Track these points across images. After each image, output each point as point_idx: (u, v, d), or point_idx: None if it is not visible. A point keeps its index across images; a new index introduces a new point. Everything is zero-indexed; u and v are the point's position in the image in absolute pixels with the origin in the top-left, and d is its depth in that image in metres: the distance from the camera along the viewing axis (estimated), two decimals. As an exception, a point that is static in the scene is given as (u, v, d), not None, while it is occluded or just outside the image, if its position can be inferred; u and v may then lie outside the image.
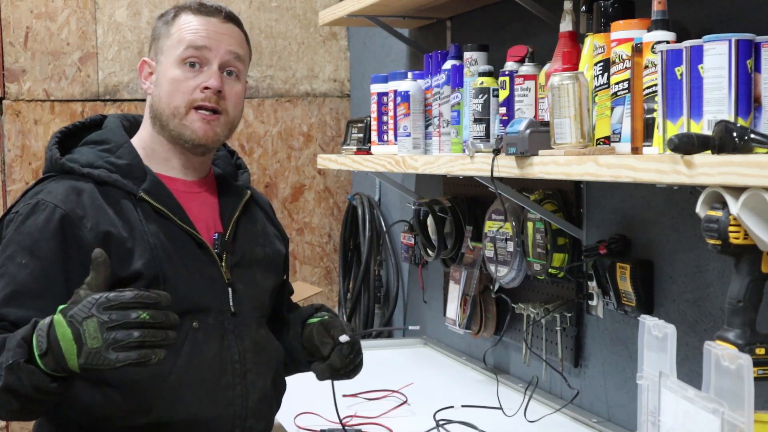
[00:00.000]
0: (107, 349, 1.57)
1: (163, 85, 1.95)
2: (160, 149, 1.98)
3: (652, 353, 1.71)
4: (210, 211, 2.02)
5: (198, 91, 1.93)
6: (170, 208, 1.92)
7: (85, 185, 1.88)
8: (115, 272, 1.78)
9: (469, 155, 2.36)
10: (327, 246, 4.42)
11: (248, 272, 2.01)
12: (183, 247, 1.91)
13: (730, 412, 1.45)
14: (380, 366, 3.20)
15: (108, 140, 1.97)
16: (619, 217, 2.38)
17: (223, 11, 1.99)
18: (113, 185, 1.90)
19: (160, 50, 1.98)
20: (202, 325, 1.89)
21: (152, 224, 1.89)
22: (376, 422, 2.48)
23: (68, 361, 1.59)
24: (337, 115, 4.40)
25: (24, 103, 4.00)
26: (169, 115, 1.94)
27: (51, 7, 4.02)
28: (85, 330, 1.58)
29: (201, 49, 1.94)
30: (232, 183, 2.10)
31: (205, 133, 1.94)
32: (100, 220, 1.84)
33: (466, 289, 2.94)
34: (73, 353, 1.59)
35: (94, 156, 1.94)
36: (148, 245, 1.86)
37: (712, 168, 1.52)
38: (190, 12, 1.97)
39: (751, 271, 1.58)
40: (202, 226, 1.97)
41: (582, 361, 2.58)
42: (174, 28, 1.97)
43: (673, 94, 1.70)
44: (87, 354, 1.58)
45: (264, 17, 4.30)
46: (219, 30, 1.96)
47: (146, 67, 2.01)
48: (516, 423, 2.47)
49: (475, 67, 2.51)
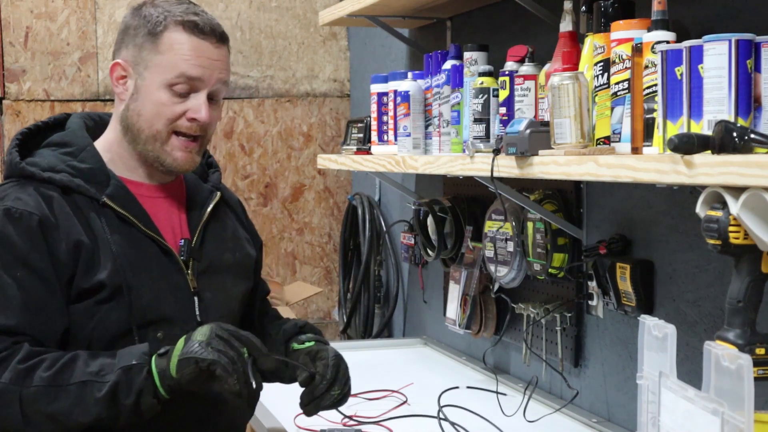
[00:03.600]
0: (207, 345, 1.70)
1: (146, 105, 1.87)
2: (127, 156, 1.93)
3: (652, 353, 1.71)
4: (177, 217, 1.97)
5: (184, 119, 1.87)
6: (134, 213, 1.87)
7: (52, 193, 1.83)
8: (79, 283, 1.78)
9: (469, 155, 2.36)
10: (327, 246, 4.42)
11: (217, 279, 1.96)
12: (147, 255, 1.86)
13: (730, 412, 1.45)
14: (380, 366, 3.20)
15: (70, 143, 1.91)
16: (619, 217, 2.38)
17: (216, 32, 1.90)
18: (76, 191, 1.84)
19: (144, 63, 1.88)
20: (168, 335, 1.85)
21: (116, 232, 1.84)
22: (376, 422, 2.48)
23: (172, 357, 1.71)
24: (337, 115, 4.40)
25: (24, 103, 4.00)
26: (149, 136, 1.88)
27: (51, 7, 4.02)
28: (197, 331, 1.73)
29: (194, 80, 1.86)
30: (201, 185, 2.03)
31: (184, 161, 1.90)
32: (71, 229, 1.80)
33: (466, 289, 2.94)
34: (180, 347, 1.71)
35: (56, 159, 1.87)
36: (111, 254, 1.81)
37: (712, 168, 1.52)
38: (182, 29, 1.86)
39: (751, 271, 1.58)
40: (168, 232, 1.92)
41: (582, 361, 2.57)
42: (164, 45, 1.86)
43: (673, 94, 1.70)
44: (190, 344, 1.70)
45: (264, 17, 4.30)
46: (212, 57, 1.88)
47: (119, 70, 1.91)
48: (515, 423, 2.47)
49: (475, 67, 2.51)
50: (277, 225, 4.35)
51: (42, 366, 1.71)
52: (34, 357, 1.72)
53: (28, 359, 1.71)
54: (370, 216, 3.90)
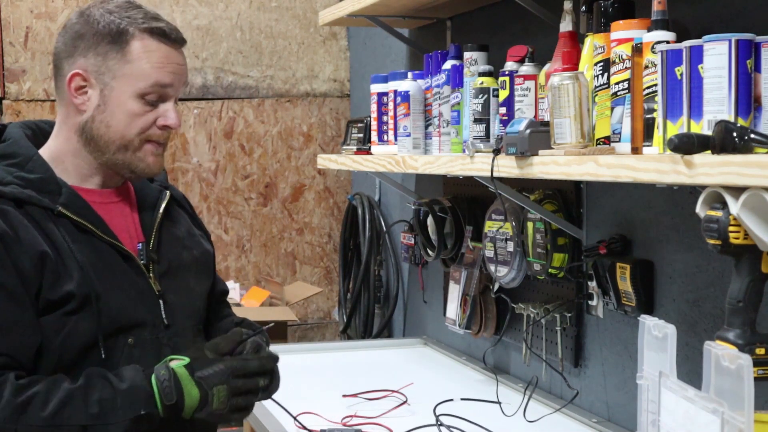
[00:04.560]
0: (230, 412, 1.75)
1: (116, 115, 1.82)
2: (83, 165, 1.87)
3: (652, 353, 1.71)
4: (131, 220, 1.92)
5: (155, 126, 1.84)
6: (91, 221, 1.82)
7: (5, 207, 1.75)
8: (45, 296, 1.73)
9: (469, 155, 2.36)
10: (327, 246, 4.42)
11: (179, 280, 1.93)
12: (109, 262, 1.82)
13: (730, 412, 1.45)
14: (380, 366, 3.21)
15: (15, 153, 1.83)
16: (619, 217, 2.38)
17: (180, 37, 1.87)
18: (28, 202, 1.77)
19: (110, 72, 1.81)
20: (138, 340, 1.82)
21: (76, 241, 1.79)
22: (376, 422, 2.48)
23: (185, 413, 1.73)
24: (337, 115, 4.40)
25: (24, 103, 4.00)
26: (120, 146, 1.83)
27: (51, 7, 4.02)
28: (214, 395, 1.72)
29: (165, 87, 1.83)
30: (148, 185, 1.99)
31: (156, 165, 1.87)
32: (32, 242, 1.74)
33: (466, 289, 2.94)
34: (193, 408, 1.72)
35: (2, 172, 1.80)
36: (76, 264, 1.76)
37: (712, 168, 1.52)
38: (149, 36, 1.82)
39: (751, 271, 1.58)
40: (125, 236, 1.88)
41: (582, 361, 2.58)
42: (131, 53, 1.81)
43: (673, 94, 1.70)
44: (208, 413, 1.74)
45: (264, 17, 4.30)
46: (179, 61, 1.85)
47: (79, 81, 1.83)
48: (515, 423, 2.47)
49: (475, 67, 2.51)
50: (277, 225, 4.35)
51: (36, 402, 1.67)
52: (26, 390, 1.68)
53: (19, 393, 1.67)
54: (370, 216, 3.90)
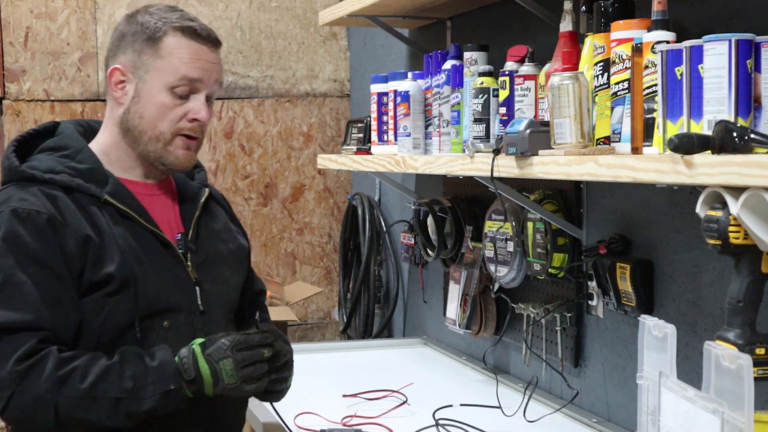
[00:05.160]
0: (241, 384, 1.84)
1: (148, 107, 1.95)
2: (125, 157, 2.00)
3: (652, 353, 1.71)
4: (171, 212, 2.05)
5: (185, 120, 1.96)
6: (134, 209, 1.94)
7: (55, 192, 1.89)
8: (88, 277, 1.86)
9: (469, 155, 2.36)
10: (327, 246, 4.42)
11: (215, 270, 2.05)
12: (149, 248, 1.94)
13: (730, 412, 1.45)
14: (380, 366, 3.21)
15: (66, 146, 1.97)
16: (619, 217, 2.38)
17: (212, 37, 2.00)
18: (77, 190, 1.91)
19: (144, 66, 1.95)
20: (173, 324, 1.94)
21: (119, 227, 1.91)
22: (376, 422, 2.48)
23: (206, 390, 1.84)
24: (337, 115, 4.40)
25: (24, 103, 4.00)
26: (152, 138, 1.96)
27: (51, 7, 4.02)
28: (221, 369, 1.83)
29: (194, 81, 1.95)
30: (189, 182, 2.13)
31: (186, 159, 1.99)
32: (78, 225, 1.87)
33: (466, 289, 2.94)
34: (210, 385, 1.84)
35: (54, 162, 1.94)
36: (117, 248, 1.89)
37: (712, 168, 1.52)
38: (180, 34, 1.95)
39: (751, 271, 1.58)
40: (166, 227, 2.00)
41: (582, 361, 2.58)
42: (163, 49, 1.94)
43: (673, 94, 1.70)
44: (223, 388, 1.84)
45: (264, 17, 4.30)
46: (210, 60, 1.98)
47: (118, 75, 1.98)
48: (515, 423, 2.47)
49: (475, 67, 2.51)
50: (277, 225, 4.35)
51: (76, 375, 1.80)
52: (67, 364, 1.80)
53: (60, 366, 1.79)
54: (370, 216, 3.90)
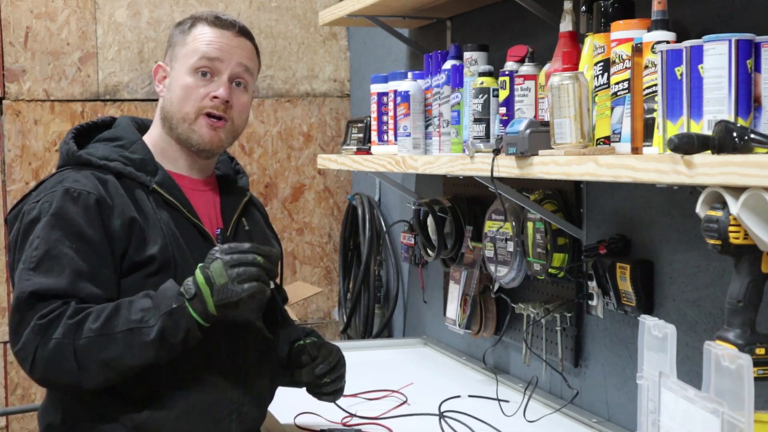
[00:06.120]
0: (232, 282, 1.88)
1: (176, 91, 2.10)
2: (169, 149, 2.13)
3: (652, 353, 1.71)
4: (213, 208, 2.17)
5: (207, 99, 2.08)
6: (179, 200, 2.07)
7: (107, 177, 2.02)
8: (131, 257, 1.98)
9: (469, 155, 2.36)
10: (327, 246, 4.42)
11: None
12: (190, 238, 2.05)
13: (730, 412, 1.45)
14: (380, 366, 3.21)
15: (121, 137, 2.12)
16: (619, 217, 2.38)
17: (237, 25, 2.15)
18: (128, 177, 2.04)
19: (175, 57, 2.12)
20: None
21: (163, 213, 2.03)
22: (376, 422, 2.48)
23: (207, 303, 1.88)
24: (337, 115, 4.40)
25: (24, 103, 4.00)
26: (180, 119, 2.09)
27: (51, 7, 4.02)
28: (212, 271, 1.89)
29: (213, 60, 2.09)
30: (232, 185, 2.24)
31: (210, 138, 2.10)
32: (125, 208, 1.99)
33: (466, 289, 2.94)
34: (208, 294, 1.88)
35: (109, 150, 2.08)
36: (161, 232, 2.01)
37: (712, 168, 1.52)
38: (205, 23, 2.12)
39: (751, 271, 1.58)
40: (206, 221, 2.12)
41: (582, 361, 2.58)
42: (189, 37, 2.11)
43: (673, 94, 1.70)
44: (218, 291, 1.88)
45: (264, 17, 4.30)
46: (232, 43, 2.12)
47: (160, 71, 2.17)
48: (515, 423, 2.47)
49: (475, 67, 2.51)
50: (277, 225, 4.35)
51: (89, 318, 1.88)
52: (81, 312, 1.89)
53: (76, 314, 1.88)
54: (370, 216, 3.90)
